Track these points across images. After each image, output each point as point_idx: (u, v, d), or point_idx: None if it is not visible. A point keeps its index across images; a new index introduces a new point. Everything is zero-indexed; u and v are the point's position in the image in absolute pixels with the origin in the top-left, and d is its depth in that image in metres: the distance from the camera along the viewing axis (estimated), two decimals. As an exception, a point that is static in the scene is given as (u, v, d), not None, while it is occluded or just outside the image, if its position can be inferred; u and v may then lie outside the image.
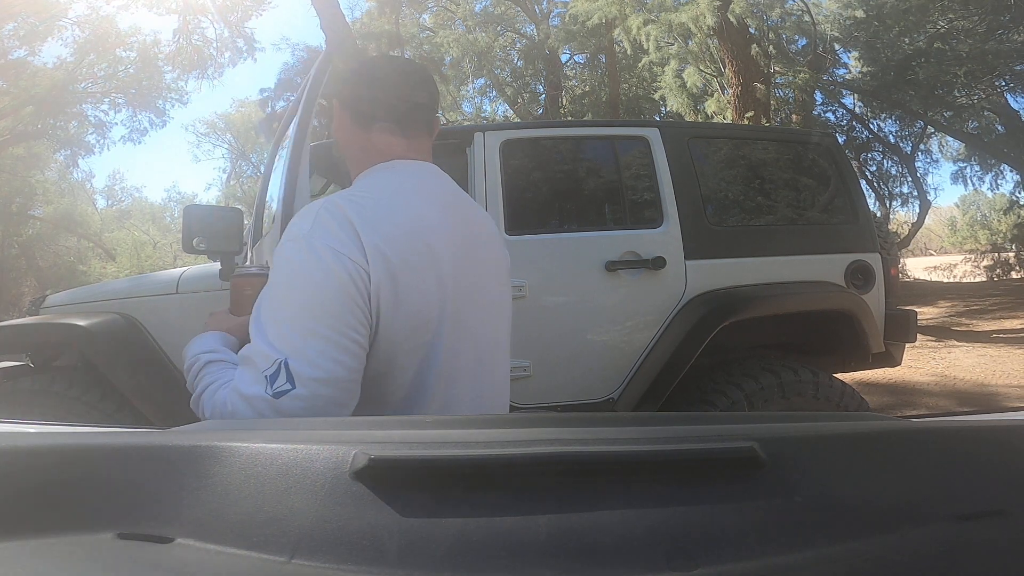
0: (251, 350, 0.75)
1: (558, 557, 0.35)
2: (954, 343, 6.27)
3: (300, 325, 0.73)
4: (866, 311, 2.29)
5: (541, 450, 0.42)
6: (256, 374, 0.72)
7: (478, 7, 13.84)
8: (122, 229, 22.07)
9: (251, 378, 0.73)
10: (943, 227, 32.33)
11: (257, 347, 0.74)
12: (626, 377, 2.22)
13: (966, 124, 12.14)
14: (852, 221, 2.49)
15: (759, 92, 9.24)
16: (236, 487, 0.40)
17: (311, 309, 0.74)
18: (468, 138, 2.31)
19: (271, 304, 0.76)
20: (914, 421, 0.61)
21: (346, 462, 0.40)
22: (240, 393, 0.73)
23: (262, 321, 0.75)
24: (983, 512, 0.41)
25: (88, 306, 2.41)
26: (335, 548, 0.35)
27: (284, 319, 0.74)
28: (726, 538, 0.37)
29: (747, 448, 0.42)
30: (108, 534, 0.37)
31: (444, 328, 0.82)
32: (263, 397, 0.71)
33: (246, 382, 0.73)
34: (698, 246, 2.28)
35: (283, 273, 0.77)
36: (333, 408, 0.73)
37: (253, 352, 0.74)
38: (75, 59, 13.02)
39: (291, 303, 0.75)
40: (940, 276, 14.03)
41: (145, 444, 0.46)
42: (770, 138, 3.06)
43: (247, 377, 0.73)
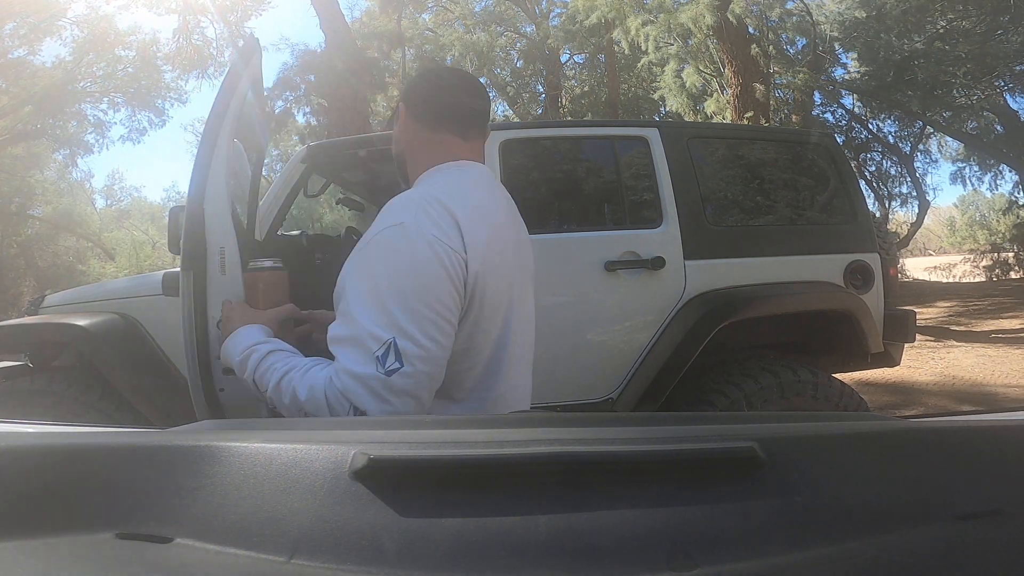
0: (354, 331, 0.80)
1: (558, 557, 0.35)
2: (953, 343, 6.28)
3: (406, 307, 0.79)
4: (865, 311, 2.29)
5: (540, 450, 0.42)
6: (365, 355, 0.78)
7: (478, 7, 13.85)
8: (121, 229, 22.05)
9: (360, 359, 0.78)
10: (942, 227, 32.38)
11: (363, 328, 0.79)
12: (625, 377, 2.22)
13: (965, 124, 12.15)
14: (851, 221, 2.49)
15: (758, 92, 9.25)
16: (235, 487, 0.40)
17: (416, 292, 0.80)
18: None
19: (375, 287, 0.81)
20: (913, 421, 0.61)
21: (345, 462, 0.40)
22: (351, 373, 0.78)
23: (365, 304, 0.81)
24: (982, 512, 0.41)
25: (87, 306, 2.41)
26: (334, 548, 0.35)
27: (390, 302, 0.80)
28: (726, 538, 0.37)
29: (746, 448, 0.42)
30: (107, 534, 0.37)
31: (512, 316, 0.93)
32: (376, 376, 0.77)
33: (356, 362, 0.78)
34: (697, 246, 2.28)
35: (387, 259, 0.83)
36: (429, 384, 0.81)
37: (357, 333, 0.79)
38: (74, 58, 13.00)
39: (396, 287, 0.81)
40: (939, 276, 14.04)
41: (144, 444, 0.46)
42: (769, 138, 3.06)
43: (355, 358, 0.79)
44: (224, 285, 1.58)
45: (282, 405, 0.84)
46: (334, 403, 0.79)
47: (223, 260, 1.58)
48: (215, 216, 1.60)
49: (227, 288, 1.58)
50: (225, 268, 1.58)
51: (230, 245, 1.59)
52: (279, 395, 0.85)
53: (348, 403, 0.79)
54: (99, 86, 13.77)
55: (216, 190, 1.60)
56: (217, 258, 1.58)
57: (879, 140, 13.30)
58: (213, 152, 1.58)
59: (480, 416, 0.93)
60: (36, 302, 2.61)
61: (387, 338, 0.78)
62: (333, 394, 0.79)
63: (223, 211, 1.62)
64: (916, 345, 5.06)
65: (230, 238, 1.61)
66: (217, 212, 1.60)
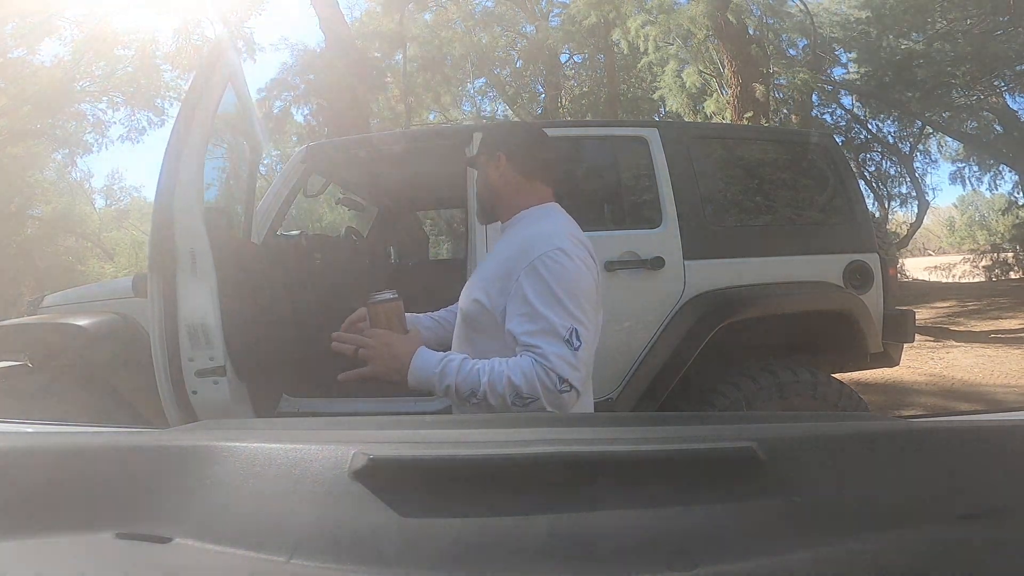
0: (544, 326, 1.06)
1: (557, 557, 0.35)
2: (952, 343, 6.28)
3: (577, 305, 1.09)
4: (864, 311, 2.29)
5: (540, 450, 0.42)
6: (557, 340, 1.06)
7: (478, 7, 13.85)
8: (121, 229, 22.02)
9: (555, 343, 1.05)
10: (942, 227, 32.39)
11: (551, 323, 1.06)
12: (625, 377, 2.22)
13: (965, 124, 12.15)
14: (850, 221, 2.49)
15: (758, 92, 9.24)
16: (235, 487, 0.40)
17: (581, 294, 1.11)
18: (467, 138, 2.31)
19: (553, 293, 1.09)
20: (913, 421, 0.61)
21: (345, 462, 0.40)
22: (553, 353, 1.04)
23: (549, 305, 1.08)
24: (982, 511, 0.41)
25: (86, 306, 2.41)
26: (334, 548, 0.35)
27: (567, 303, 1.08)
28: (725, 538, 0.37)
29: (746, 448, 0.42)
30: (107, 534, 0.37)
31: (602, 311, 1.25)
32: (569, 352, 1.05)
33: (552, 346, 1.05)
34: (697, 246, 2.28)
35: (559, 274, 1.10)
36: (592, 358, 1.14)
37: (548, 327, 1.06)
38: (73, 58, 12.99)
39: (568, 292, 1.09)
40: (939, 276, 14.04)
41: (144, 444, 0.46)
42: (769, 138, 3.06)
43: (551, 343, 1.05)
44: (196, 287, 1.57)
45: (494, 393, 1.04)
46: (544, 378, 1.03)
47: (194, 262, 1.57)
48: (185, 219, 1.59)
49: (199, 290, 1.57)
50: (196, 270, 1.57)
51: (201, 247, 1.58)
52: (493, 385, 1.04)
53: (555, 375, 1.03)
54: (98, 85, 13.75)
55: (186, 193, 1.59)
56: (187, 260, 1.57)
57: (878, 140, 13.30)
58: (180, 154, 1.56)
59: (480, 416, 0.93)
60: (36, 302, 2.61)
61: (570, 326, 1.07)
62: (541, 370, 1.03)
63: (193, 212, 1.61)
64: (916, 345, 5.06)
65: (201, 240, 1.59)
66: (187, 214, 1.59)
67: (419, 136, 3.37)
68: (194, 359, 1.61)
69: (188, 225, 1.57)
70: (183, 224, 1.57)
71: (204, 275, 1.58)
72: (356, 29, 11.81)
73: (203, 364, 1.61)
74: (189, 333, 1.60)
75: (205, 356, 1.61)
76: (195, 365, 1.62)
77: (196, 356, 1.61)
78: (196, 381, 1.62)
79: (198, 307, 1.58)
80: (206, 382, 1.63)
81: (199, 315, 1.59)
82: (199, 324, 1.59)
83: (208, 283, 1.58)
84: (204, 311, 1.58)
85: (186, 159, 1.57)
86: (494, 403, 1.05)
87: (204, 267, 1.59)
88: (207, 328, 1.59)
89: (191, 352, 1.60)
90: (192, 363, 1.61)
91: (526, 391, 1.03)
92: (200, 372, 1.62)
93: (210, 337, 1.59)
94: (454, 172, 2.36)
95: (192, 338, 1.60)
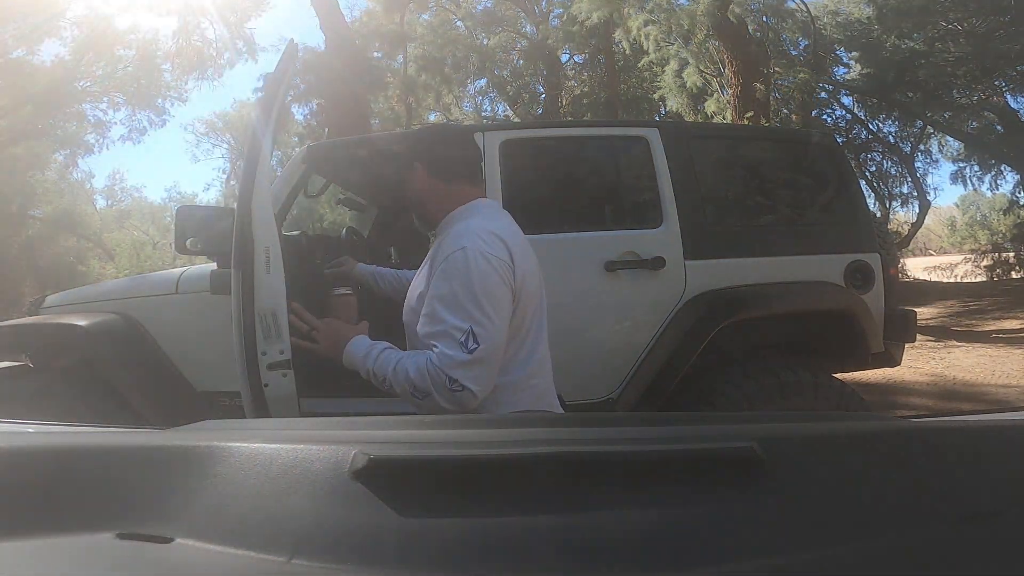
0: (442, 327, 1.12)
1: (558, 557, 0.35)
2: (954, 343, 6.27)
3: (476, 304, 1.12)
4: (865, 311, 2.29)
5: (541, 450, 0.42)
6: (453, 342, 1.10)
7: (479, 7, 13.85)
8: (122, 229, 22.06)
9: (450, 344, 1.10)
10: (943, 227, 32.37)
11: (448, 324, 1.11)
12: (626, 377, 2.22)
13: (965, 124, 12.14)
14: (851, 221, 2.48)
15: (759, 92, 9.24)
16: (236, 487, 0.40)
17: (481, 293, 1.12)
18: (468, 138, 2.31)
19: (452, 293, 1.13)
20: (914, 421, 0.61)
21: (346, 462, 0.40)
22: (445, 355, 1.09)
23: (446, 306, 1.13)
24: (983, 511, 0.41)
25: (88, 306, 2.41)
26: (335, 548, 0.35)
27: (465, 303, 1.12)
28: (726, 537, 0.37)
29: (747, 448, 0.42)
30: (108, 534, 0.37)
31: (541, 304, 1.32)
32: (462, 354, 1.09)
33: (447, 347, 1.10)
34: (698, 246, 2.27)
35: (457, 274, 1.14)
36: (498, 353, 1.14)
37: (445, 328, 1.11)
38: (73, 58, 13.00)
39: (467, 291, 1.12)
40: (940, 276, 14.02)
41: (145, 444, 0.46)
42: (769, 138, 3.05)
43: (447, 344, 1.10)
44: (269, 283, 1.61)
45: (397, 383, 1.14)
46: (435, 376, 1.09)
47: (268, 259, 1.62)
48: (261, 217, 1.66)
49: (271, 286, 1.62)
50: (270, 267, 1.62)
51: (274, 245, 1.64)
52: (396, 376, 1.14)
53: (445, 375, 1.09)
54: (99, 86, 13.77)
55: (262, 192, 1.65)
56: (263, 257, 1.62)
57: (879, 140, 13.29)
58: (260, 155, 1.62)
59: (481, 416, 0.93)
60: (37, 302, 2.61)
61: (466, 328, 1.10)
62: (433, 370, 1.09)
63: (268, 212, 1.68)
64: (917, 345, 5.05)
65: (274, 237, 1.65)
66: (263, 213, 1.66)
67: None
68: (267, 352, 1.64)
69: (264, 223, 1.64)
70: (260, 222, 1.63)
71: (276, 271, 1.63)
72: (356, 29, 11.82)
73: (274, 357, 1.64)
74: (263, 328, 1.64)
75: (276, 349, 1.64)
76: (267, 359, 1.64)
77: (268, 350, 1.64)
78: (268, 374, 1.65)
79: (271, 302, 1.63)
80: (276, 375, 1.65)
81: (271, 310, 1.63)
82: (271, 319, 1.63)
83: (279, 278, 1.63)
84: (276, 305, 1.62)
85: (263, 159, 1.62)
86: (399, 392, 1.15)
87: (276, 263, 1.64)
88: (278, 322, 1.62)
89: (264, 346, 1.63)
90: (265, 357, 1.64)
91: (420, 386, 1.11)
92: (272, 365, 1.65)
93: (280, 331, 1.62)
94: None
95: (265, 332, 1.63)
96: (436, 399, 1.10)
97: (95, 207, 21.32)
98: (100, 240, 19.46)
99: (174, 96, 14.36)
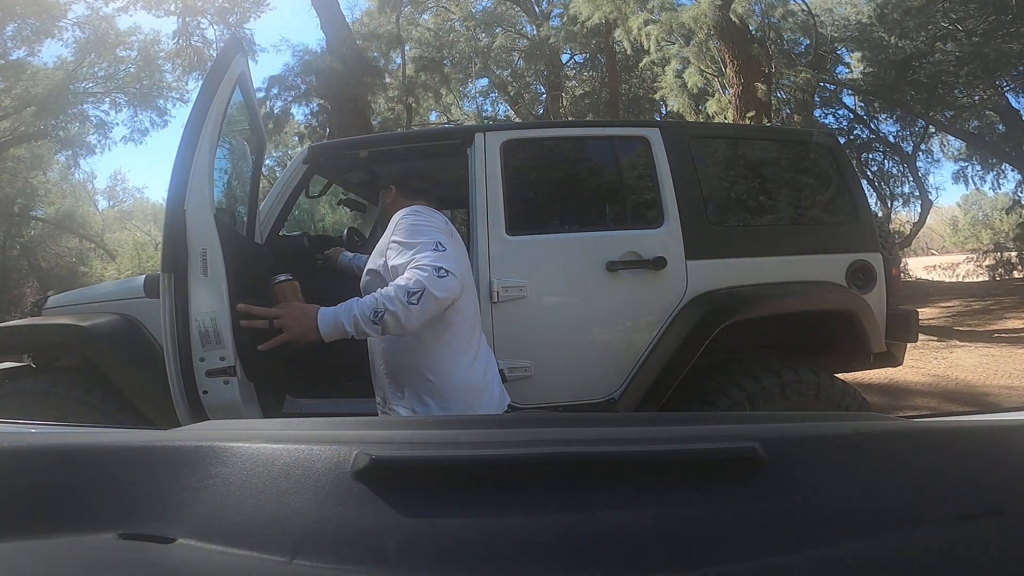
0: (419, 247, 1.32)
1: (559, 557, 0.35)
2: (956, 343, 6.26)
3: (437, 234, 1.36)
4: (867, 311, 2.29)
5: (542, 450, 0.42)
6: (428, 249, 1.30)
7: (479, 7, 13.85)
8: (123, 230, 22.10)
9: (427, 251, 1.30)
10: (945, 227, 32.32)
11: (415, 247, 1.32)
12: (627, 377, 2.22)
13: (967, 123, 12.12)
14: (853, 221, 2.48)
15: (760, 92, 9.23)
16: (237, 487, 0.40)
17: (439, 231, 1.38)
18: (469, 138, 2.31)
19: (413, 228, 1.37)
20: (915, 421, 0.61)
21: (347, 462, 0.40)
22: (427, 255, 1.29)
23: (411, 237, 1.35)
24: (983, 511, 0.41)
25: (89, 307, 2.41)
26: (336, 548, 0.35)
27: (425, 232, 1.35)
28: (727, 538, 0.37)
29: (748, 448, 0.42)
30: (110, 534, 0.37)
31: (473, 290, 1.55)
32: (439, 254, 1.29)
33: (426, 255, 1.29)
34: (699, 246, 2.27)
35: (414, 221, 1.39)
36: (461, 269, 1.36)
37: (421, 246, 1.32)
38: (75, 59, 13.03)
39: (427, 226, 1.38)
40: (942, 276, 14.00)
41: (147, 445, 0.46)
42: (771, 138, 3.05)
43: (425, 253, 1.29)
44: (207, 287, 1.57)
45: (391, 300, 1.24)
46: (424, 273, 1.25)
47: (205, 262, 1.57)
48: (197, 218, 1.60)
49: (209, 290, 1.58)
50: (208, 270, 1.58)
51: (212, 247, 1.59)
52: (387, 297, 1.25)
53: (431, 267, 1.25)
54: (101, 86, 13.80)
55: (198, 192, 1.60)
56: (199, 260, 1.57)
57: (881, 139, 13.27)
58: (194, 153, 1.57)
59: (482, 416, 0.93)
60: (39, 303, 2.62)
61: (434, 240, 1.32)
62: (420, 271, 1.25)
63: (205, 213, 1.62)
64: (919, 345, 5.05)
65: (213, 240, 1.60)
66: (199, 214, 1.60)
67: (420, 136, 3.38)
68: (205, 359, 1.61)
69: (200, 225, 1.58)
70: (195, 224, 1.58)
71: (215, 275, 1.59)
72: (357, 30, 11.83)
73: (214, 364, 1.62)
74: (200, 333, 1.61)
75: (216, 356, 1.61)
76: (206, 365, 1.62)
77: (207, 356, 1.61)
78: (207, 381, 1.62)
79: (209, 307, 1.59)
80: (217, 382, 1.63)
81: (210, 315, 1.59)
82: (210, 324, 1.60)
83: (219, 283, 1.58)
84: (215, 311, 1.59)
85: (197, 159, 1.57)
86: (393, 309, 1.23)
87: (215, 267, 1.60)
88: (218, 328, 1.59)
89: (202, 352, 1.61)
90: (203, 363, 1.62)
91: (413, 286, 1.23)
92: (211, 372, 1.62)
93: (221, 337, 1.60)
94: (456, 172, 2.36)
95: (203, 338, 1.61)
96: (430, 292, 1.23)
97: (97, 208, 21.39)
98: (102, 241, 19.50)
99: (176, 97, 14.39)
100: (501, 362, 2.12)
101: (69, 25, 12.42)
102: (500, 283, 2.12)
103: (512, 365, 2.13)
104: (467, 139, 2.32)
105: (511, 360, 2.13)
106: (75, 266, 17.63)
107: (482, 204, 2.20)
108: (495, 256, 2.15)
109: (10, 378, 2.25)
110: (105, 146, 14.49)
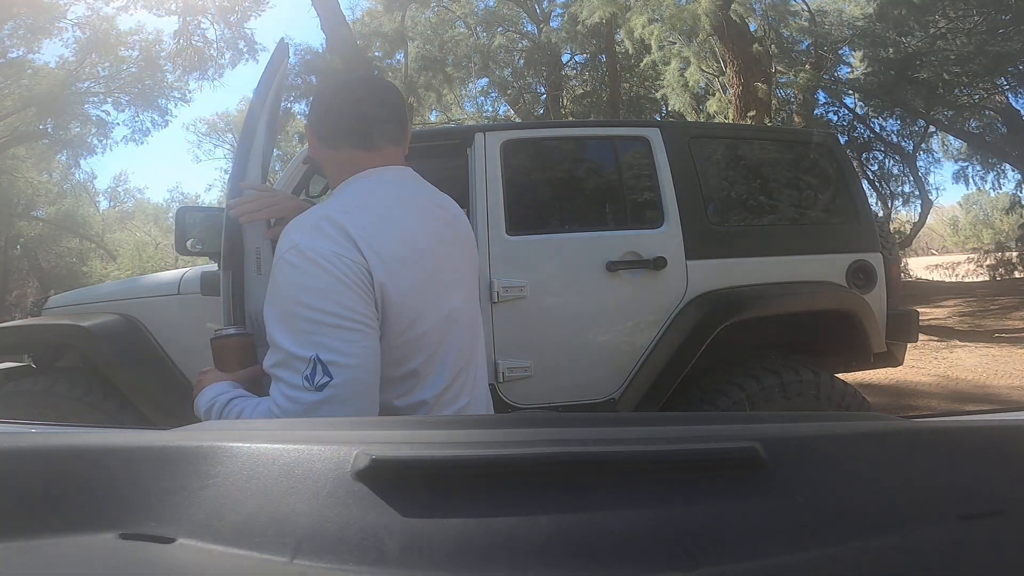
0: (281, 357, 0.83)
1: (559, 557, 0.35)
2: (956, 343, 6.26)
3: (318, 323, 0.82)
4: (868, 311, 2.29)
5: (543, 450, 0.42)
6: (295, 376, 0.81)
7: (480, 7, 13.85)
8: (124, 230, 22.12)
9: (292, 381, 0.81)
10: (945, 226, 32.33)
11: (286, 353, 0.82)
12: (627, 377, 2.22)
13: (967, 123, 12.13)
14: (853, 221, 2.48)
15: (760, 92, 9.23)
16: (238, 487, 0.40)
17: (323, 307, 0.82)
18: (469, 138, 2.31)
19: (285, 312, 0.85)
20: (915, 421, 0.61)
21: (348, 462, 0.40)
22: (286, 396, 0.81)
23: (282, 329, 0.84)
24: (985, 512, 0.41)
25: (90, 307, 2.41)
26: (337, 548, 0.35)
27: (302, 323, 0.82)
28: (728, 539, 0.37)
29: (749, 448, 0.42)
30: (110, 534, 0.37)
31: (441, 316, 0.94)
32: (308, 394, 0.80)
33: (288, 386, 0.82)
34: (699, 246, 2.27)
35: (289, 283, 0.85)
36: (364, 386, 0.83)
37: (284, 359, 0.83)
38: (77, 59, 13.04)
39: (303, 307, 0.83)
40: (942, 275, 13.99)
41: (147, 444, 0.46)
42: (771, 138, 3.05)
43: (288, 381, 0.82)
44: (260, 285, 1.61)
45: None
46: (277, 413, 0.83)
47: (259, 261, 1.61)
48: None
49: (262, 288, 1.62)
50: (260, 268, 1.61)
51: (265, 246, 1.63)
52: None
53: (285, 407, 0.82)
54: (102, 86, 13.81)
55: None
56: (253, 258, 1.62)
57: (881, 139, 13.27)
58: (250, 154, 1.60)
59: (483, 416, 0.93)
60: (40, 303, 2.62)
61: (310, 356, 0.80)
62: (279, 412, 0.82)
63: None
64: (920, 345, 5.05)
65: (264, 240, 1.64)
66: None
67: (421, 136, 3.38)
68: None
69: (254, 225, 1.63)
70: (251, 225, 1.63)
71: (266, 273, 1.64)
72: (357, 29, 11.83)
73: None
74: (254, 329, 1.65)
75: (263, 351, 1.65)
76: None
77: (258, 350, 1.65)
78: None
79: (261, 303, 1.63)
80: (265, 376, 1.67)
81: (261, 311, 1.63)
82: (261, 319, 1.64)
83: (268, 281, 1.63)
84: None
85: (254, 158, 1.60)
86: None
87: (267, 266, 1.65)
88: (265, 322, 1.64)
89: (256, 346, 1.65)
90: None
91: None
92: None
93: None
94: (456, 172, 2.36)
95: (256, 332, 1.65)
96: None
97: (98, 208, 21.38)
98: (103, 241, 19.52)
99: (177, 96, 14.41)
100: (501, 362, 2.12)
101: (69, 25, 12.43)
102: (500, 283, 2.12)
103: (512, 365, 2.13)
104: (467, 139, 2.32)
105: (511, 360, 2.13)
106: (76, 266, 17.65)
107: (482, 204, 2.20)
108: (495, 256, 2.15)
109: (10, 378, 2.25)
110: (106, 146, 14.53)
